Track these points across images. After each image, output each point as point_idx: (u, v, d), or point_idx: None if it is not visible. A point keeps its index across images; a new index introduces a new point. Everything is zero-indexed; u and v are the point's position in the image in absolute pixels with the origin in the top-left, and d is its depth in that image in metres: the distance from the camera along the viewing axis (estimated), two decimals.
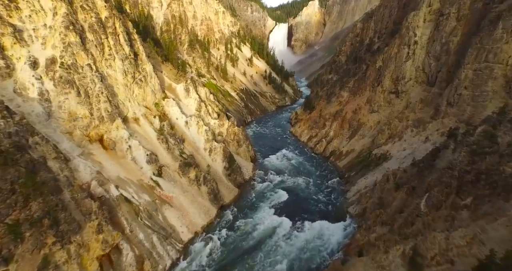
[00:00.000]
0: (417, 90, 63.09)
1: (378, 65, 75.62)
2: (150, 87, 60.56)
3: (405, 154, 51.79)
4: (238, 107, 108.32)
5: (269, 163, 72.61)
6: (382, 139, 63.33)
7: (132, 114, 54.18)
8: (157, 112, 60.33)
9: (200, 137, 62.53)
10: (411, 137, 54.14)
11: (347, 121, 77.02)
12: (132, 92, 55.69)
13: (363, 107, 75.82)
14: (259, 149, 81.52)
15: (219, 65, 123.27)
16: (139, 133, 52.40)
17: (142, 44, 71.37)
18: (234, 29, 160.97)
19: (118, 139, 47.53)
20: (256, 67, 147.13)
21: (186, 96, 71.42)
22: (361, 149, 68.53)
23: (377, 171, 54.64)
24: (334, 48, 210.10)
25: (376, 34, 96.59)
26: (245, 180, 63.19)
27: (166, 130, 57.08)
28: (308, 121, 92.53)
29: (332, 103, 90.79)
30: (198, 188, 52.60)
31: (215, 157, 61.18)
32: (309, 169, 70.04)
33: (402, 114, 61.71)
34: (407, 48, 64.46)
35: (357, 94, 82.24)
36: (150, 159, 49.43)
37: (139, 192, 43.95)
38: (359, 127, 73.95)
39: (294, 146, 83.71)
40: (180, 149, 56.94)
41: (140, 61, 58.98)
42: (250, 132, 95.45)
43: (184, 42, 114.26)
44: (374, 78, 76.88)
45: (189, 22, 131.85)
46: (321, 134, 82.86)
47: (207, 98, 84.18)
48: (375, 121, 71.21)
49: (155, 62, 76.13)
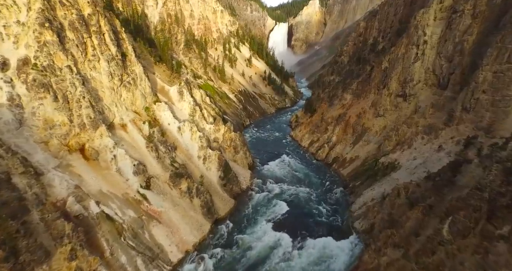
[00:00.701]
0: (427, 93, 58.80)
1: (384, 67, 71.33)
2: (140, 91, 56.27)
3: (415, 164, 47.51)
4: (236, 110, 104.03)
5: (268, 170, 68.32)
6: (389, 146, 59.05)
7: (119, 120, 49.87)
8: (147, 117, 56.03)
9: (194, 143, 58.22)
10: (422, 145, 49.86)
11: (350, 126, 72.73)
12: (120, 96, 51.39)
13: (368, 111, 71.50)
14: (258, 154, 77.23)
15: (217, 66, 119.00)
16: (126, 141, 48.10)
17: (132, 44, 67.26)
18: (232, 29, 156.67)
19: (102, 148, 43.23)
20: (255, 67, 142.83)
21: (180, 99, 67.12)
22: (366, 156, 64.23)
23: (384, 181, 50.35)
24: (335, 48, 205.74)
25: (380, 34, 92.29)
26: (242, 190, 58.90)
27: (156, 137, 52.78)
28: (309, 125, 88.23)
29: (334, 106, 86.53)
30: (190, 200, 48.29)
31: (210, 166, 56.87)
32: (310, 177, 65.73)
33: (410, 119, 57.43)
34: (416, 48, 60.17)
35: (361, 97, 77.96)
36: (138, 170, 45.13)
37: (124, 208, 39.63)
38: (364, 132, 69.66)
39: (294, 151, 79.41)
40: (172, 158, 52.63)
41: (128, 63, 54.68)
42: (248, 136, 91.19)
43: (180, 42, 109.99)
44: (380, 80, 72.60)
45: (186, 21, 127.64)
46: (323, 139, 78.57)
47: (203, 101, 79.95)
48: (380, 126, 66.91)
49: (147, 63, 71.89)
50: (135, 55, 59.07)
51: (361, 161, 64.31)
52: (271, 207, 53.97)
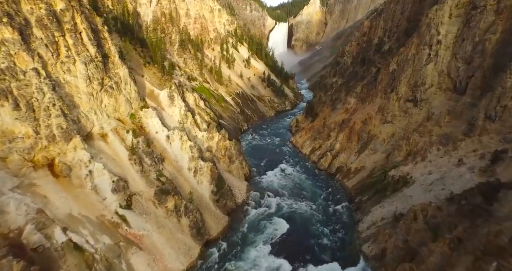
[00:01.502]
0: (441, 98, 53.40)
1: (392, 69, 65.92)
2: (125, 96, 50.87)
3: (431, 179, 42.09)
4: (233, 113, 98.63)
5: (266, 182, 62.90)
6: (399, 156, 53.66)
7: (98, 129, 44.45)
8: (132, 125, 50.62)
9: (184, 154, 52.80)
10: (438, 157, 44.46)
11: (355, 133, 67.30)
12: (100, 103, 45.97)
13: (374, 117, 66.08)
14: (255, 163, 71.82)
15: (213, 67, 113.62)
16: (105, 154, 42.67)
17: (119, 45, 61.84)
18: (230, 28, 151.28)
19: (75, 163, 37.80)
20: (254, 69, 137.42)
21: (170, 104, 61.70)
22: (373, 166, 58.81)
23: (396, 198, 44.93)
24: (337, 48, 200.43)
25: (386, 33, 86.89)
26: (237, 205, 53.50)
27: (141, 148, 47.36)
28: (311, 130, 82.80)
29: (337, 111, 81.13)
30: (177, 220, 42.86)
31: (201, 179, 51.44)
32: (312, 189, 60.32)
33: (423, 127, 52.02)
34: (428, 48, 54.80)
35: (366, 102, 72.54)
36: (117, 187, 39.69)
37: (98, 233, 34.20)
38: (370, 140, 64.25)
39: (294, 160, 73.99)
40: (158, 171, 47.20)
41: (111, 65, 49.27)
42: (245, 142, 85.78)
43: (175, 42, 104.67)
44: (387, 83, 67.19)
45: (182, 21, 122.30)
46: (325, 147, 73.14)
47: (197, 106, 74.59)
48: (388, 133, 61.50)
49: (135, 65, 66.53)
50: (119, 56, 53.75)
51: (367, 172, 58.90)
52: (269, 225, 48.55)
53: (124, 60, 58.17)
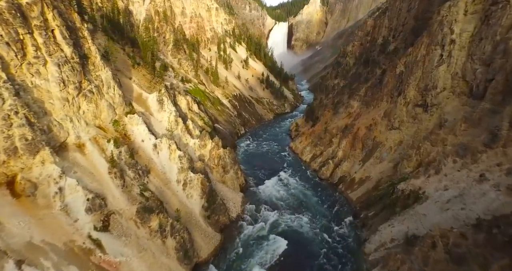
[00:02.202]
0: (454, 104, 48.64)
1: (399, 71, 61.13)
2: (107, 100, 46.14)
3: (448, 196, 37.34)
4: (230, 117, 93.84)
5: (263, 192, 58.13)
6: (409, 167, 48.90)
7: (74, 139, 39.64)
8: (114, 133, 45.85)
9: (173, 164, 48.04)
10: (455, 171, 39.68)
11: (359, 140, 62.51)
12: (77, 109, 41.21)
13: (380, 122, 61.30)
14: (252, 171, 67.07)
15: (210, 68, 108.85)
16: (81, 167, 37.87)
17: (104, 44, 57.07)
18: (228, 28, 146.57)
19: (43, 179, 33.03)
20: (252, 69, 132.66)
21: (159, 109, 56.94)
22: (379, 177, 54.06)
23: (407, 216, 40.16)
24: (338, 48, 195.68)
25: (391, 33, 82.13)
26: (231, 220, 48.75)
27: (123, 159, 42.57)
28: (311, 136, 78.02)
29: (339, 115, 76.37)
30: (162, 242, 38.07)
31: (191, 192, 46.66)
32: (312, 201, 55.57)
33: (435, 135, 47.25)
34: (440, 49, 50.05)
35: (371, 106, 67.76)
36: (93, 205, 34.92)
37: (64, 264, 29.40)
38: (375, 147, 59.50)
39: (294, 167, 69.20)
40: (142, 185, 42.41)
41: (91, 67, 44.55)
42: (242, 148, 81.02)
43: (169, 42, 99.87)
44: (394, 86, 62.42)
45: (177, 19, 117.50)
46: (327, 154, 68.35)
47: (190, 110, 69.84)
48: (395, 141, 56.75)
49: (123, 67, 61.76)
50: (103, 57, 49.09)
51: (373, 183, 54.14)
52: (265, 244, 43.78)
53: (109, 61, 53.56)
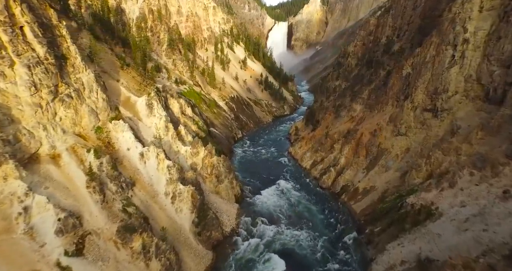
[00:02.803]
0: (468, 109, 44.74)
1: (406, 73, 57.18)
2: (89, 105, 42.20)
3: (466, 214, 33.39)
4: (227, 120, 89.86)
5: (260, 203, 54.16)
6: (418, 178, 44.94)
7: (48, 149, 35.69)
8: (97, 141, 41.88)
9: (161, 175, 44.06)
10: (472, 185, 35.73)
11: (363, 146, 58.54)
12: (53, 115, 37.26)
13: (385, 127, 57.36)
14: (249, 179, 63.08)
15: (206, 69, 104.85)
16: (54, 182, 33.91)
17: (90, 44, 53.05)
18: (226, 27, 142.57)
19: (4, 198, 29.06)
20: (250, 70, 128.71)
21: (149, 114, 52.96)
22: (385, 187, 50.12)
23: (418, 234, 36.20)
24: (339, 48, 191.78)
25: (395, 32, 78.17)
26: (225, 235, 44.81)
27: (105, 171, 38.57)
28: (311, 140, 74.07)
29: (341, 119, 72.43)
30: (145, 265, 34.10)
31: (181, 206, 42.68)
32: (313, 214, 51.63)
33: (447, 144, 43.27)
34: (452, 49, 46.15)
35: (375, 109, 63.81)
36: (65, 226, 30.93)
37: None
38: (380, 154, 55.54)
39: (293, 175, 65.24)
40: (126, 199, 38.43)
41: (70, 68, 40.60)
42: (239, 153, 77.01)
43: (163, 42, 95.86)
44: (399, 89, 58.48)
45: (172, 19, 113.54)
46: (328, 161, 64.39)
47: (183, 114, 65.83)
48: (402, 148, 52.82)
49: (110, 68, 57.76)
50: (84, 58, 45.12)
51: (378, 194, 50.18)
52: (262, 264, 39.89)
53: (93, 62, 49.58)
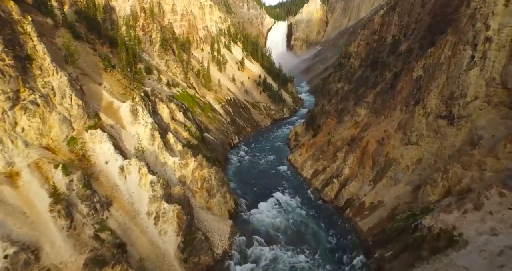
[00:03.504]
0: (490, 116, 39.64)
1: (416, 75, 52.04)
2: (61, 113, 37.19)
3: (500, 245, 28.20)
4: (222, 124, 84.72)
5: (256, 219, 49.02)
6: (434, 194, 39.82)
7: (2, 166, 30.59)
8: (69, 154, 36.81)
9: (143, 192, 38.91)
10: (504, 208, 30.56)
11: (369, 155, 53.42)
12: (12, 125, 32.21)
13: (393, 135, 52.25)
14: (244, 190, 57.96)
15: (201, 70, 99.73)
16: (8, 206, 28.74)
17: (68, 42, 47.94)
18: (223, 26, 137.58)
19: None
20: (248, 71, 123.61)
21: (133, 121, 47.89)
22: (395, 203, 44.98)
23: (439, 265, 31.01)
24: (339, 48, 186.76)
25: (402, 31, 72.99)
26: (216, 259, 39.67)
27: (75, 190, 33.44)
28: (312, 147, 68.96)
29: (344, 124, 67.25)
30: None
31: (165, 228, 37.53)
32: (314, 232, 46.51)
33: (468, 156, 38.13)
34: (471, 49, 41.05)
35: (381, 115, 58.65)
36: (13, 264, 25.73)
37: None
38: (388, 165, 50.43)
39: (293, 186, 60.12)
40: (99, 222, 33.29)
41: (37, 71, 35.57)
42: (234, 161, 71.85)
43: (156, 42, 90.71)
44: (409, 93, 53.34)
45: (166, 17, 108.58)
46: (330, 171, 59.25)
47: (173, 119, 60.67)
48: (413, 158, 47.70)
49: (91, 70, 52.70)
50: (56, 59, 40.02)
51: (387, 211, 45.04)
52: None
53: (68, 64, 44.45)
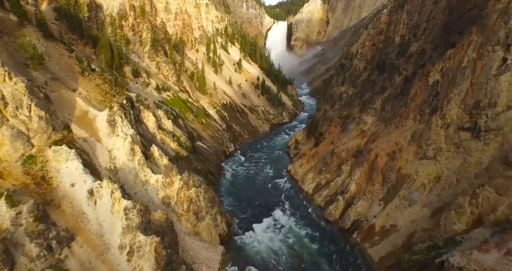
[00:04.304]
0: None
1: (433, 80, 45.96)
2: (15, 127, 31.39)
3: None
4: (217, 131, 78.68)
5: (251, 244, 43.02)
6: (460, 223, 33.80)
7: None
8: (22, 178, 30.84)
9: (116, 220, 32.87)
10: None
11: (379, 171, 47.38)
12: None
13: (406, 148, 46.24)
14: (239, 208, 51.98)
15: (196, 73, 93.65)
16: None
17: (24, 42, 41.94)
18: (220, 26, 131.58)
19: None
20: (246, 73, 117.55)
21: (111, 133, 41.88)
22: (411, 228, 38.94)
23: None
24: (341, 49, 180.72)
25: (411, 30, 67.01)
26: None
27: (24, 225, 27.35)
28: (314, 158, 62.93)
29: (349, 133, 61.19)
30: None
31: (140, 264, 31.46)
32: (318, 260, 40.47)
33: (502, 179, 32.09)
34: (503, 50, 35.11)
35: (391, 124, 52.57)
36: None
37: None
38: (401, 182, 44.42)
39: (293, 202, 54.09)
40: (52, 265, 27.22)
41: None
42: (229, 172, 65.74)
43: (146, 42, 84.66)
44: (424, 100, 47.27)
45: (159, 16, 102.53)
46: (335, 186, 53.24)
47: (160, 129, 54.62)
48: (430, 175, 41.66)
49: (66, 74, 46.71)
50: (4, 63, 34.06)
51: (402, 238, 38.99)
52: None
53: (29, 67, 38.40)
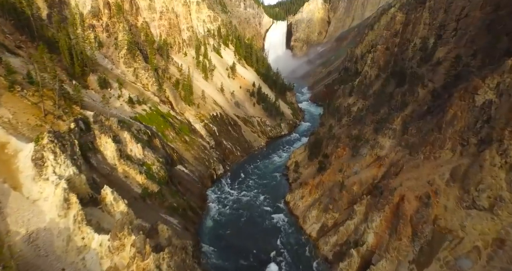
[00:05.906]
0: None
1: (483, 100, 34.11)
2: None
3: None
4: (203, 150, 66.91)
5: None
6: None
7: None
8: None
9: None
10: None
11: (406, 219, 35.55)
12: None
13: (444, 190, 34.44)
14: (223, 261, 40.14)
15: (181, 80, 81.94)
16: None
17: None
18: (212, 26, 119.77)
19: None
20: (240, 79, 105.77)
21: (37, 176, 30.11)
22: None
23: None
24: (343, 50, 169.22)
25: (433, 32, 55.31)
26: None
27: None
28: (318, 189, 51.13)
29: (361, 158, 49.41)
30: None
31: None
32: None
33: None
34: None
35: (418, 152, 40.71)
36: None
37: None
38: (439, 240, 32.62)
39: (292, 251, 42.27)
40: None
41: None
42: (214, 205, 53.81)
43: (122, 45, 72.95)
44: (468, 126, 35.38)
45: (141, 15, 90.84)
46: (345, 231, 41.41)
47: (123, 158, 42.78)
48: (486, 235, 29.92)
49: None
50: None
51: None
52: None
53: None
